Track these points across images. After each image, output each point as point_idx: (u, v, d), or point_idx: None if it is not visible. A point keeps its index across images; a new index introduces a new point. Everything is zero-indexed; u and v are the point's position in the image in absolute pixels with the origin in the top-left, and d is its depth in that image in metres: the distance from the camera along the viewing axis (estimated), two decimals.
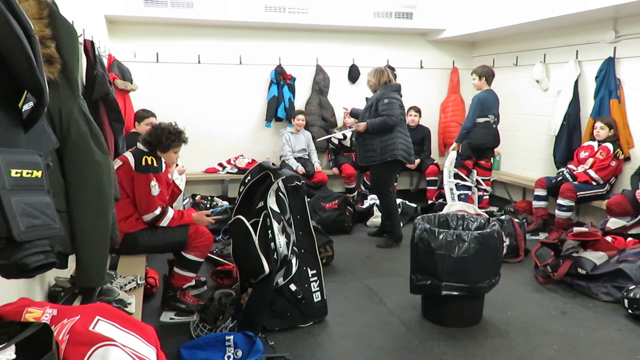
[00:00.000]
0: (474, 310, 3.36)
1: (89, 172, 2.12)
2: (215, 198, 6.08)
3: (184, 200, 5.47)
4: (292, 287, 3.21)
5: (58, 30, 2.02)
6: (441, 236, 3.15)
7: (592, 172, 5.02)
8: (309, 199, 4.60)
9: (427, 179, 6.59)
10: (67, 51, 2.05)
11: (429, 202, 6.41)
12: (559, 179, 5.22)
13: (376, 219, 5.57)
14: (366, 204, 6.09)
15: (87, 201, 2.12)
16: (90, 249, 2.14)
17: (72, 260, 2.22)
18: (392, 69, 6.55)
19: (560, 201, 5.06)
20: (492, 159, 5.96)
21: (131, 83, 5.22)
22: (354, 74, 7.05)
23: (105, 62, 4.99)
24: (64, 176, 2.10)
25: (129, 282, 2.56)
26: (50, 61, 2.01)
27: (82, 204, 2.12)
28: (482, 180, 5.85)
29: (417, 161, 6.30)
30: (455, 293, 3.13)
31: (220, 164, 6.70)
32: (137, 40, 6.32)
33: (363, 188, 6.52)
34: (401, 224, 5.67)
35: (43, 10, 1.99)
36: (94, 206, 2.14)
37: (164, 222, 3.15)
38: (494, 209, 6.12)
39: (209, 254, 3.97)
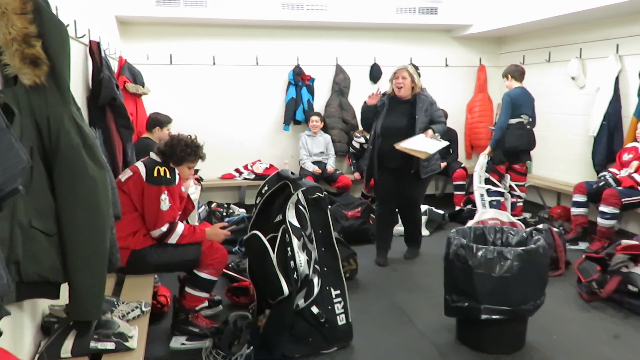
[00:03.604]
0: (516, 334, 3.02)
1: (81, 189, 1.85)
2: (231, 205, 5.83)
3: (199, 208, 5.22)
4: (314, 309, 2.90)
5: (45, 28, 1.76)
6: (480, 253, 2.82)
7: (637, 176, 4.61)
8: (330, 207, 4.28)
9: (454, 183, 6.22)
10: (56, 51, 1.78)
11: (457, 208, 6.05)
12: (600, 184, 4.81)
13: (401, 227, 5.24)
14: None
15: (80, 222, 1.86)
16: (85, 276, 1.87)
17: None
18: (416, 68, 6.22)
19: (603, 208, 4.64)
20: (527, 162, 5.56)
21: (143, 86, 4.98)
22: (375, 74, 6.76)
23: (116, 64, 4.78)
24: (53, 194, 1.84)
25: (132, 310, 2.28)
26: (35, 62, 1.75)
27: (74, 225, 1.85)
28: (516, 185, 5.46)
29: (444, 164, 5.93)
30: (496, 317, 2.80)
31: (237, 170, 6.45)
32: (149, 42, 6.12)
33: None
34: (428, 233, 5.37)
35: (26, 4, 1.73)
36: (89, 227, 1.87)
37: (172, 239, 2.87)
38: (527, 215, 5.75)
39: (224, 269, 3.69)
